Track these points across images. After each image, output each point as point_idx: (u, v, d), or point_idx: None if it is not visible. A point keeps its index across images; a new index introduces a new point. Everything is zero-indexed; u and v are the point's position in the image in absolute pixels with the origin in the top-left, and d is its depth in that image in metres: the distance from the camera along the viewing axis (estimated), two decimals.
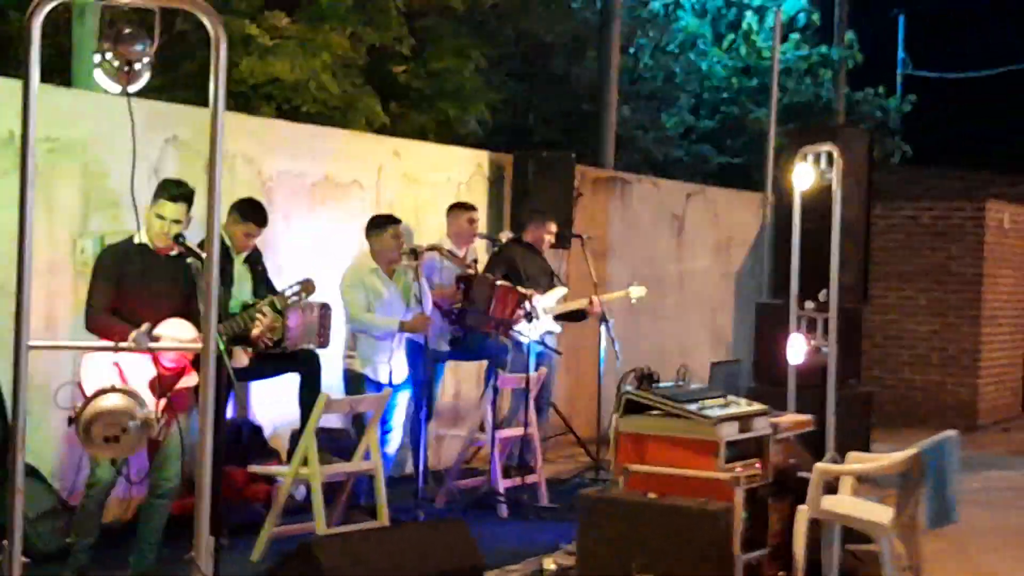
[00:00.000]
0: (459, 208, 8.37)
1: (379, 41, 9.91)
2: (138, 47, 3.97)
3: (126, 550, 5.69)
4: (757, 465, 5.92)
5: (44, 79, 6.63)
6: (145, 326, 4.10)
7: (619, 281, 10.76)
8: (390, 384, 7.12)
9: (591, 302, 8.73)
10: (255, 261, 6.84)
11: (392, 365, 7.24)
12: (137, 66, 3.98)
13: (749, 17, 17.44)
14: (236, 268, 6.69)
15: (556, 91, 14.49)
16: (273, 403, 7.68)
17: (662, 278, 12.02)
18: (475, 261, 8.09)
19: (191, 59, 8.90)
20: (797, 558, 5.69)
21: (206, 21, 3.95)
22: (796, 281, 7.43)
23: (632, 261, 11.49)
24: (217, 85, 4.02)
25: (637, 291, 9.12)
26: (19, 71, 7.84)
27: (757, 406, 6.11)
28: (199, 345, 4.11)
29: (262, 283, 6.83)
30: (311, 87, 9.07)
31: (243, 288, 6.77)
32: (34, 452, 6.37)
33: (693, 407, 5.74)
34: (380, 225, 7.51)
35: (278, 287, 6.60)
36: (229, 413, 7.54)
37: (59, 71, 7.59)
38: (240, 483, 7.18)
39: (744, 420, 5.87)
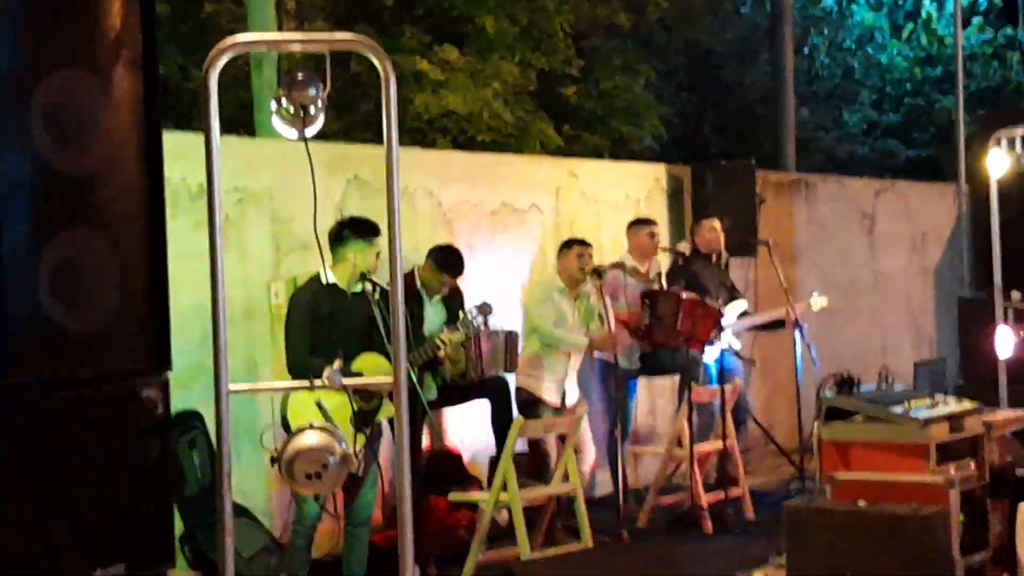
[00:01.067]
0: (639, 224, 8.29)
1: (548, 65, 9.95)
2: (311, 91, 4.03)
3: None
4: (972, 465, 5.67)
5: (229, 131, 6.93)
6: (337, 363, 4.15)
7: (809, 285, 10.51)
8: (563, 405, 7.10)
9: (788, 312, 8.51)
10: (452, 299, 6.85)
11: (566, 387, 7.22)
12: (312, 110, 4.03)
13: (927, 5, 16.90)
14: (428, 309, 6.74)
15: (729, 99, 14.30)
16: (468, 431, 7.74)
17: (855, 279, 11.69)
18: (659, 275, 8.00)
19: (368, 101, 9.10)
20: (1021, 559, 5.42)
21: (374, 59, 3.99)
22: (999, 272, 7.15)
23: (822, 264, 11.21)
24: (389, 121, 4.07)
25: (818, 301, 8.86)
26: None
27: (968, 404, 5.85)
28: (390, 379, 4.18)
29: (456, 316, 6.89)
30: (484, 116, 9.16)
31: (436, 324, 6.81)
32: (245, 492, 6.58)
33: (899, 410, 5.54)
34: (567, 245, 7.54)
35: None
36: (426, 443, 7.64)
37: (243, 123, 7.86)
38: (443, 512, 7.24)
39: (954, 420, 5.62)
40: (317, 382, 4.10)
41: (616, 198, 9.28)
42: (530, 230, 8.59)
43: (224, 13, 8.81)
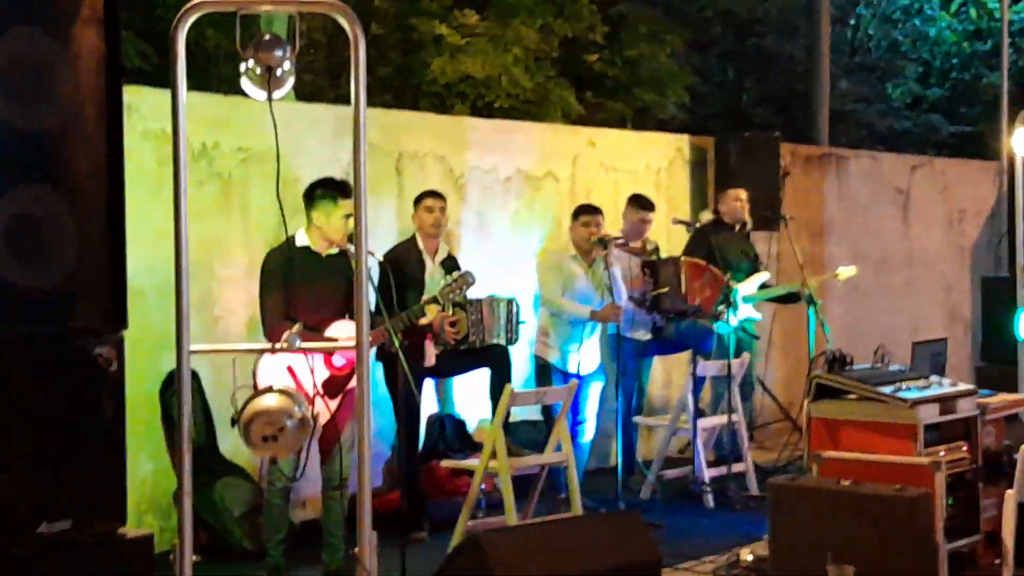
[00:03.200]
0: (635, 203, 8.00)
1: (571, 32, 9.84)
2: (278, 53, 4.01)
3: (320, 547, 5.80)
4: (964, 448, 5.57)
5: (233, 91, 6.90)
6: (297, 327, 4.15)
7: (838, 261, 10.35)
8: (578, 375, 7.04)
9: (802, 288, 8.38)
10: (450, 267, 6.80)
11: (582, 355, 7.14)
12: (279, 72, 4.02)
13: None
14: (428, 273, 6.69)
15: (770, 70, 14.11)
16: (476, 398, 7.73)
17: (887, 256, 11.52)
18: (656, 249, 7.88)
19: (386, 63, 9.06)
20: (1005, 545, 5.31)
21: (343, 21, 3.97)
22: (1021, 252, 7.02)
23: (852, 239, 11.05)
24: (358, 84, 4.05)
25: (846, 271, 8.71)
26: (218, 86, 8.19)
27: (962, 386, 5.75)
28: (352, 343, 4.17)
29: None
30: (503, 82, 9.09)
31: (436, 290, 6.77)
32: (238, 451, 6.62)
33: (887, 389, 5.44)
34: (575, 214, 7.47)
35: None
36: (432, 408, 7.65)
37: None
38: (442, 477, 7.25)
39: (946, 401, 5.52)
40: (277, 345, 4.11)
41: (636, 168, 9.19)
42: (545, 198, 8.53)
43: None
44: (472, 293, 6.41)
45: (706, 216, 8.59)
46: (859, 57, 15.67)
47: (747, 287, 8.33)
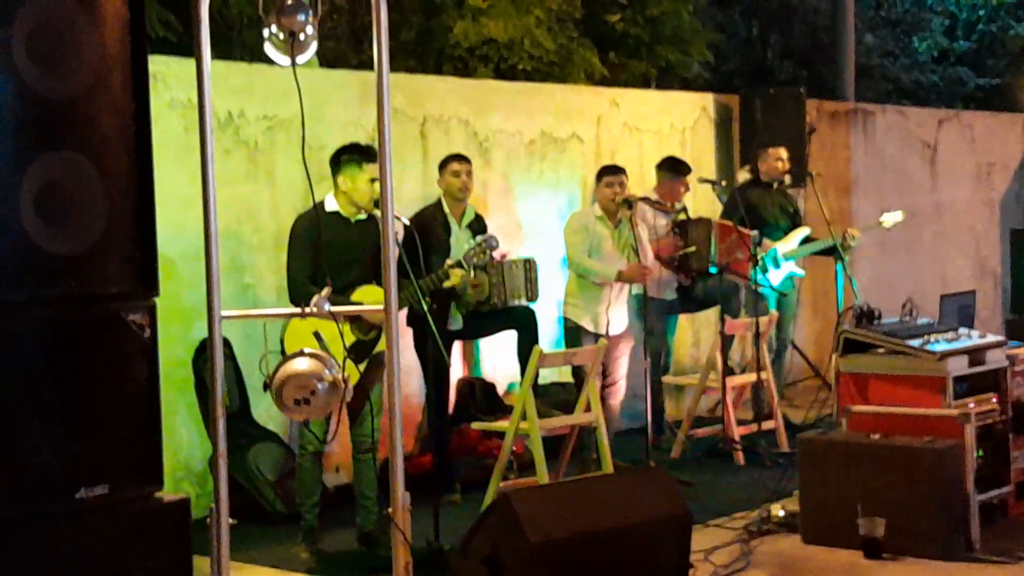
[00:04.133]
0: (673, 170, 7.93)
1: None
2: (300, 17, 4.02)
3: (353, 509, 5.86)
4: (993, 400, 5.57)
5: (257, 59, 6.92)
6: (326, 291, 4.17)
7: (865, 216, 10.33)
8: (607, 335, 7.05)
9: (845, 235, 8.33)
10: (477, 229, 6.80)
11: (610, 316, 7.15)
12: (302, 36, 4.03)
13: None
14: (454, 236, 6.69)
15: (793, 24, 13.98)
16: (505, 360, 7.76)
17: (915, 210, 11.45)
18: (684, 209, 7.88)
19: (409, 27, 9.05)
20: None
21: None
22: None
23: (880, 194, 11.00)
24: (380, 48, 4.05)
25: (892, 216, 8.63)
26: (241, 55, 8.18)
27: (991, 338, 5.74)
28: (380, 307, 4.20)
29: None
30: (526, 44, 9.06)
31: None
32: (272, 417, 6.69)
33: (915, 343, 5.44)
34: (599, 175, 7.45)
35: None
36: (460, 371, 7.68)
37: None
38: (473, 440, 7.30)
39: (975, 353, 5.52)
40: (306, 309, 4.14)
41: (661, 127, 9.16)
42: (570, 159, 8.52)
43: None
44: (495, 255, 6.41)
45: (743, 175, 8.54)
46: (884, 11, 15.51)
47: (787, 245, 8.31)
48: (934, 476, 5.14)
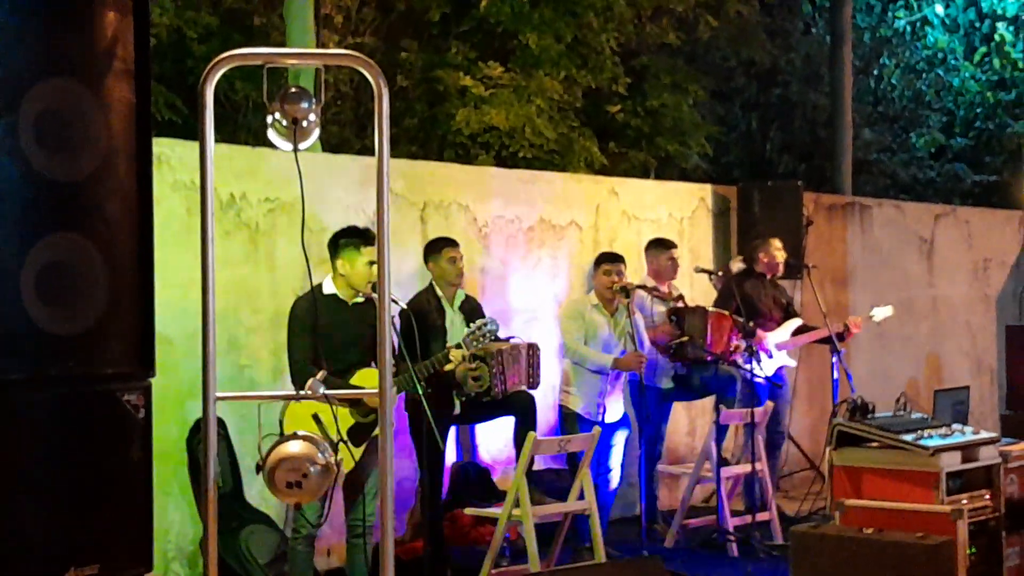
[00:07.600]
0: (658, 246, 8.14)
1: (594, 83, 9.95)
2: (304, 105, 4.09)
3: None
4: (987, 496, 5.56)
5: (261, 143, 7.02)
6: (321, 374, 4.20)
7: (861, 308, 10.36)
8: (602, 423, 7.05)
9: (846, 326, 8.40)
10: (470, 311, 6.82)
11: (607, 403, 7.17)
12: (304, 123, 4.09)
13: (1002, 28, 16.61)
14: (449, 319, 6.73)
15: (792, 119, 14.17)
16: (501, 446, 7.76)
17: (912, 304, 11.51)
18: (681, 296, 7.94)
19: (412, 114, 9.17)
20: None
21: (368, 75, 4.04)
22: None
23: (875, 287, 11.06)
24: (381, 135, 4.11)
25: (882, 311, 8.72)
26: (246, 138, 8.30)
27: (985, 434, 5.75)
28: (375, 391, 4.22)
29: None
30: (527, 132, 9.19)
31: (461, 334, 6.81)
32: (264, 498, 6.66)
33: (909, 437, 5.45)
34: (597, 262, 7.52)
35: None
36: (454, 456, 7.67)
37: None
38: (467, 525, 7.27)
39: (968, 449, 5.53)
40: (300, 392, 4.16)
41: (659, 217, 9.25)
42: (568, 247, 8.59)
43: (275, 26, 8.95)
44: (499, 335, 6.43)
45: (736, 265, 8.62)
46: (882, 107, 15.72)
47: (779, 335, 8.35)
48: (926, 572, 5.11)
